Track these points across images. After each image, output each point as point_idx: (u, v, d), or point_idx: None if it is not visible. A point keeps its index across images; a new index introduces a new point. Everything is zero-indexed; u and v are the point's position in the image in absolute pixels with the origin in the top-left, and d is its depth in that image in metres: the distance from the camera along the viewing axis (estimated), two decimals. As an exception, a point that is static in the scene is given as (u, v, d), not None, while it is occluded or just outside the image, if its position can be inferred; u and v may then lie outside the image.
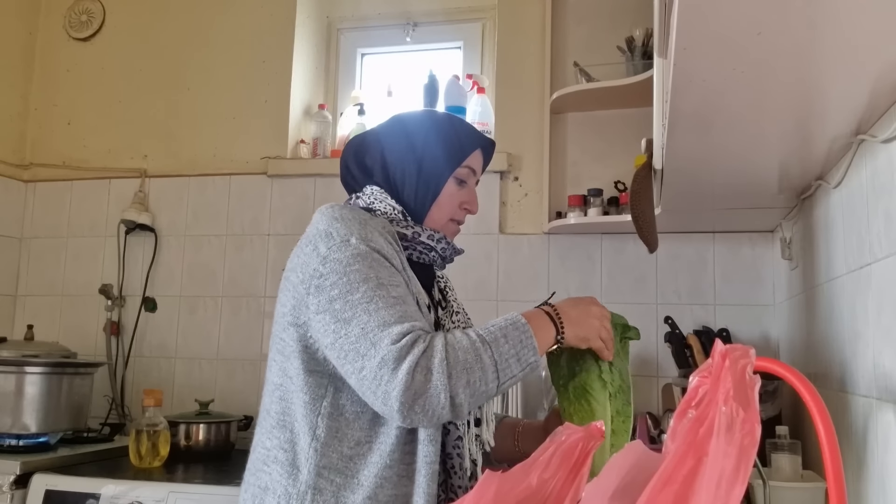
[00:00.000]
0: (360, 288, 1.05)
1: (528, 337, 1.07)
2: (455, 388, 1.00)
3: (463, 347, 1.02)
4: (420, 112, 1.34)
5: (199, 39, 2.67)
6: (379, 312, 1.03)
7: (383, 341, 1.01)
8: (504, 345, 1.05)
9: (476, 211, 1.30)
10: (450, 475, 1.15)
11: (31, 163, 2.75)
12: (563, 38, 2.38)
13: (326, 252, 1.09)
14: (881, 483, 1.11)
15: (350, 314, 1.04)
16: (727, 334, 2.08)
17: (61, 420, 2.14)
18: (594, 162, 2.31)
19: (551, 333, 1.12)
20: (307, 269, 1.10)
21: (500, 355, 1.04)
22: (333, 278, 1.07)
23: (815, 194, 1.54)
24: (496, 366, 1.03)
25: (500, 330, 1.06)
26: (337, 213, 1.14)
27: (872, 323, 1.14)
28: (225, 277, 2.53)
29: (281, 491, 1.09)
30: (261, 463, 1.14)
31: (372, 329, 1.02)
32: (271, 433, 1.14)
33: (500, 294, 2.32)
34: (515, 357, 1.05)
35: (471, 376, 1.01)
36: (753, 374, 0.72)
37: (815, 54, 0.87)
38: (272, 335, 1.18)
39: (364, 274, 1.06)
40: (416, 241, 1.21)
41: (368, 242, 1.09)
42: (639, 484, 0.71)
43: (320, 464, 1.08)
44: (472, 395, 1.02)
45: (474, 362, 1.02)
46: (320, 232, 1.12)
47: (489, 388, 1.04)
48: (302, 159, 2.52)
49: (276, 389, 1.15)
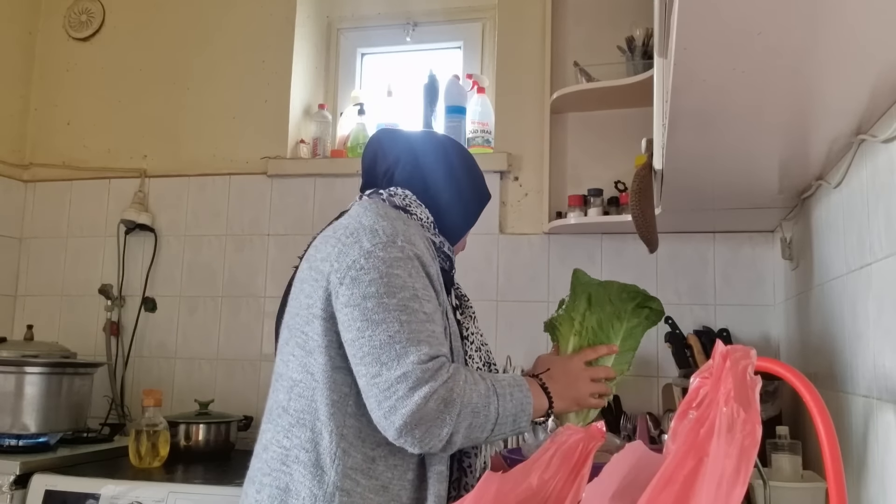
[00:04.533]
0: (398, 294, 1.05)
1: (528, 403, 1.11)
2: (458, 426, 1.02)
3: (478, 392, 1.05)
4: (463, 147, 1.41)
5: (199, 39, 2.67)
6: (410, 325, 1.03)
7: (409, 357, 1.01)
8: (509, 403, 1.08)
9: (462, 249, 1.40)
10: (465, 473, 1.16)
11: (31, 163, 2.75)
12: (563, 38, 2.37)
13: (371, 248, 1.07)
14: (881, 483, 1.11)
15: (381, 317, 1.03)
16: (727, 334, 2.08)
17: (61, 420, 2.14)
18: (594, 162, 2.31)
19: (544, 406, 1.17)
20: (345, 259, 1.08)
21: (503, 411, 1.07)
22: (374, 275, 1.05)
23: (815, 194, 1.54)
24: (497, 420, 1.06)
25: (509, 387, 1.10)
26: (382, 210, 1.15)
27: (872, 323, 1.14)
28: (225, 277, 2.53)
29: (306, 493, 1.06)
30: (278, 463, 1.11)
31: (400, 340, 1.02)
32: (290, 432, 1.10)
33: (500, 294, 2.31)
34: (513, 417, 1.09)
35: (475, 420, 1.04)
36: (754, 375, 0.72)
37: (815, 54, 0.87)
38: (289, 329, 1.16)
39: (403, 280, 1.06)
40: (441, 251, 1.24)
41: (413, 248, 1.10)
42: (639, 484, 0.71)
43: (347, 464, 1.06)
44: (467, 439, 1.04)
45: (482, 409, 1.05)
46: (365, 227, 1.10)
47: (481, 437, 1.06)
48: (302, 159, 2.52)
49: (296, 386, 1.12)
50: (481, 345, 1.25)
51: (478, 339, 1.25)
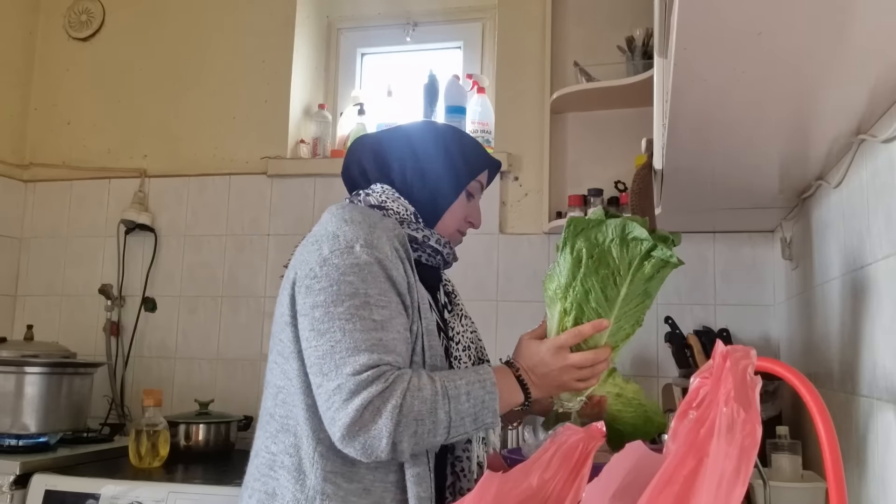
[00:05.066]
0: (346, 302, 1.05)
1: (491, 399, 1.08)
2: (400, 435, 1.01)
3: (422, 397, 1.02)
4: (443, 124, 1.37)
5: (199, 39, 2.67)
6: (353, 334, 1.03)
7: (346, 368, 1.02)
8: (465, 402, 1.05)
9: (479, 225, 1.33)
10: (458, 478, 1.15)
11: (31, 163, 2.75)
12: (563, 38, 2.37)
13: (328, 255, 1.08)
14: (881, 483, 1.11)
15: (326, 327, 1.04)
16: (727, 334, 2.08)
17: (61, 420, 2.14)
18: (594, 162, 2.31)
19: (519, 399, 1.14)
20: (305, 268, 1.10)
21: (456, 413, 1.04)
22: (325, 283, 1.06)
23: (815, 194, 1.54)
24: (450, 423, 1.04)
25: (466, 385, 1.06)
26: (347, 214, 1.13)
27: (872, 323, 1.14)
28: (225, 277, 2.53)
29: (289, 497, 1.07)
30: (266, 468, 1.12)
31: (340, 350, 1.03)
32: (276, 438, 1.12)
33: (500, 294, 2.31)
34: (472, 417, 1.06)
35: (420, 427, 1.02)
36: (754, 375, 0.72)
37: (815, 54, 0.87)
38: (272, 336, 1.18)
39: (354, 287, 1.05)
40: (426, 245, 1.21)
41: (373, 252, 1.08)
42: (639, 484, 0.71)
43: (326, 468, 1.07)
44: (417, 444, 1.03)
45: (427, 415, 1.02)
46: (328, 233, 1.11)
47: (436, 441, 1.05)
48: (302, 159, 2.52)
49: (279, 392, 1.13)
50: (470, 343, 1.23)
51: (465, 338, 1.23)
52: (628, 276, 1.12)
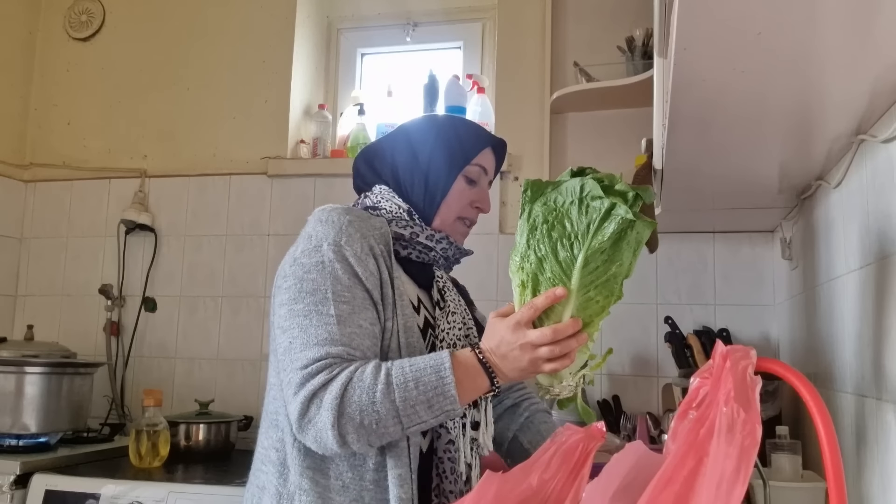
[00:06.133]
0: (306, 299, 1.07)
1: (445, 385, 1.01)
2: (345, 426, 1.00)
3: (363, 387, 1.01)
4: (426, 116, 1.36)
5: (199, 39, 2.67)
6: (308, 330, 1.05)
7: (297, 362, 1.04)
8: (413, 390, 1.01)
9: (488, 209, 1.32)
10: (441, 479, 1.14)
11: (31, 163, 2.75)
12: (563, 38, 2.38)
13: (299, 255, 1.11)
14: (881, 483, 1.11)
15: (287, 324, 1.07)
16: (727, 334, 2.08)
17: (61, 420, 2.14)
18: (594, 162, 2.27)
19: (486, 385, 1.06)
20: (280, 269, 1.14)
21: (403, 401, 1.01)
22: (290, 282, 1.09)
23: (815, 194, 1.54)
24: (398, 412, 1.01)
25: (414, 373, 1.02)
26: (324, 215, 1.14)
27: (872, 323, 1.14)
28: (225, 277, 2.53)
29: (273, 491, 1.10)
30: (259, 463, 1.16)
31: (295, 347, 1.05)
32: (267, 433, 1.16)
33: (500, 294, 2.31)
34: (425, 404, 1.01)
35: (365, 418, 1.00)
36: (754, 375, 0.72)
37: (815, 54, 0.87)
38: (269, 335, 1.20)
39: (316, 285, 1.07)
40: (415, 242, 1.21)
41: (339, 249, 1.09)
42: (639, 484, 0.71)
43: (304, 464, 1.08)
44: (370, 435, 1.01)
45: (368, 405, 1.00)
46: (305, 234, 1.14)
47: (390, 431, 1.02)
48: (302, 159, 2.52)
49: (272, 389, 1.17)
50: (456, 340, 1.21)
51: (451, 335, 1.20)
52: (587, 240, 0.98)
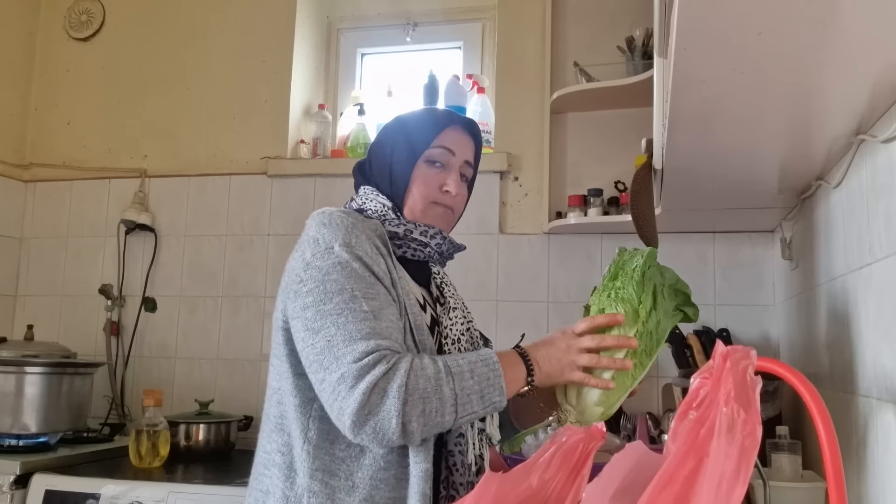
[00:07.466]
0: (334, 299, 1.07)
1: (496, 376, 1.07)
2: (409, 414, 1.00)
3: (426, 376, 1.03)
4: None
5: (199, 39, 2.67)
6: (347, 326, 1.05)
7: (346, 357, 1.03)
8: (469, 380, 1.05)
9: (453, 190, 1.24)
10: (451, 472, 1.15)
11: (31, 163, 2.75)
12: (563, 38, 2.38)
13: (310, 258, 1.11)
14: (881, 483, 1.11)
15: (319, 324, 1.06)
16: (727, 334, 2.08)
17: (61, 420, 2.14)
18: (594, 162, 2.31)
19: (522, 375, 1.12)
20: (291, 274, 1.13)
21: (461, 389, 1.04)
22: (311, 285, 1.09)
23: (815, 194, 1.54)
24: (455, 399, 1.03)
25: (468, 364, 1.06)
26: (326, 218, 1.15)
27: (872, 323, 1.14)
28: (225, 277, 2.53)
29: (279, 494, 1.10)
30: (262, 467, 1.16)
31: (337, 343, 1.04)
32: (270, 437, 1.15)
33: (500, 294, 2.31)
34: (479, 394, 1.05)
35: (427, 405, 1.01)
36: (754, 375, 0.72)
37: (815, 54, 0.87)
38: (270, 339, 1.20)
39: (340, 284, 1.07)
40: (409, 239, 1.22)
41: (352, 250, 1.10)
42: (640, 484, 0.71)
43: (313, 466, 1.09)
44: (426, 424, 1.02)
45: (433, 392, 1.02)
46: (309, 238, 1.14)
47: (445, 420, 1.04)
48: (302, 159, 2.52)
49: (275, 393, 1.16)
50: (460, 335, 1.22)
51: (454, 331, 1.22)
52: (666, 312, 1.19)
